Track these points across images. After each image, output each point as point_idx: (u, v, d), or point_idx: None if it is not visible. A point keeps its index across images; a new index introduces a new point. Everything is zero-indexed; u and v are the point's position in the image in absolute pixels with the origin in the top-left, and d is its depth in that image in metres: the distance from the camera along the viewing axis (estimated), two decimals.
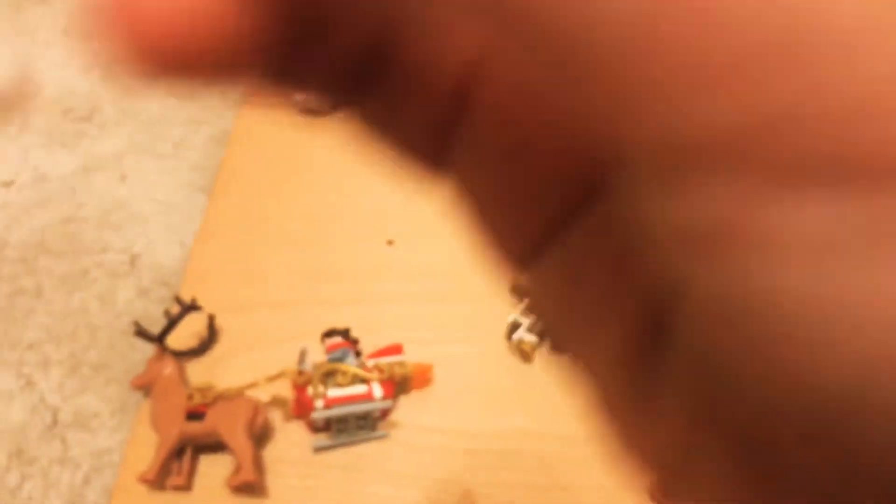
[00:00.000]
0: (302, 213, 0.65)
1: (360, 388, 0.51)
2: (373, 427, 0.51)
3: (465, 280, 0.59)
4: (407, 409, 0.53)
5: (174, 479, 0.49)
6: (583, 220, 0.13)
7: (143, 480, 0.48)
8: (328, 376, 0.51)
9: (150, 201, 0.67)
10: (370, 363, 0.52)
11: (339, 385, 0.51)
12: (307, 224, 0.64)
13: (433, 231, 0.63)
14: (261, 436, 0.51)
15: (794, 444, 0.10)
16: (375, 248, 0.62)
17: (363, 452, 0.51)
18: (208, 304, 0.56)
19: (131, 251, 0.63)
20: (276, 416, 0.52)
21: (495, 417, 0.53)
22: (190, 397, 0.50)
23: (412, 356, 0.55)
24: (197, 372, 0.55)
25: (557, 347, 0.14)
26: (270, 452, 0.51)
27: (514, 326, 0.55)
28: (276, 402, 0.53)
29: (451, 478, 0.50)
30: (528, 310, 0.55)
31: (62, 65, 0.77)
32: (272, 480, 0.50)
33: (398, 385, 0.52)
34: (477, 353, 0.56)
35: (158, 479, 0.48)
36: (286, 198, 0.66)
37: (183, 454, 0.50)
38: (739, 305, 0.10)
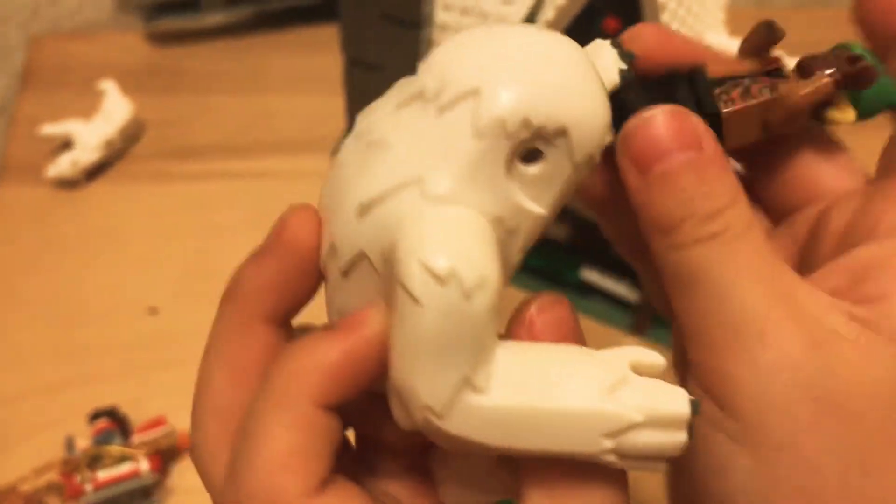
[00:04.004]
0: (56, 290, 0.66)
1: (127, 467, 0.54)
2: (147, 499, 0.55)
3: None
4: (180, 475, 0.57)
5: None
6: None
7: None
8: (95, 460, 0.54)
9: None
10: (137, 439, 0.56)
11: (107, 467, 0.54)
12: (63, 301, 0.66)
13: (195, 294, 0.66)
14: None
15: None
16: (138, 317, 0.65)
17: None
18: None
19: None
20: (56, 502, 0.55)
21: None
22: None
23: (182, 422, 0.58)
24: None
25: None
26: None
27: None
28: (52, 488, 0.55)
29: None
30: None
31: None
32: None
33: (167, 455, 0.56)
34: None
35: None
36: (39, 275, 0.67)
37: None
38: None
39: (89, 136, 0.72)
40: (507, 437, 0.19)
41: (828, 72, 0.22)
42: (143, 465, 0.54)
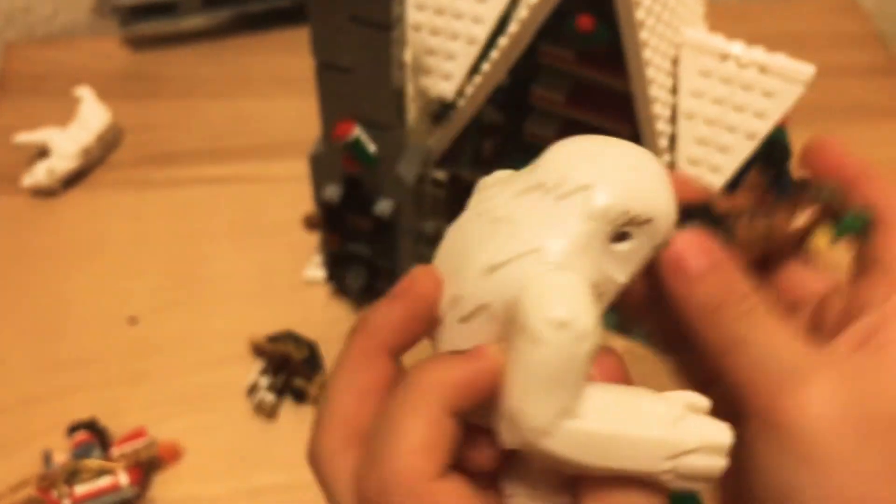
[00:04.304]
0: (34, 302, 0.65)
1: (105, 480, 0.53)
2: None
3: (205, 349, 0.63)
4: (162, 486, 0.57)
5: None
6: None
7: None
8: (73, 475, 0.53)
9: None
10: (116, 452, 0.55)
11: (85, 481, 0.53)
12: (41, 312, 0.65)
13: (175, 303, 0.66)
14: None
15: None
16: (117, 327, 0.64)
17: None
18: None
19: None
20: None
21: (246, 477, 0.57)
22: None
23: (163, 432, 0.58)
24: None
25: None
26: None
27: (254, 387, 0.59)
28: (30, 503, 0.54)
29: None
30: (266, 370, 0.60)
31: None
32: None
33: (147, 467, 0.56)
34: (223, 420, 0.59)
35: None
36: (16, 287, 0.66)
37: None
38: None
39: (66, 143, 0.71)
40: (592, 455, 0.24)
41: (808, 210, 0.29)
42: (123, 478, 0.54)
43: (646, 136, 0.48)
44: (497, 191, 0.27)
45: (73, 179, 0.72)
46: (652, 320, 0.32)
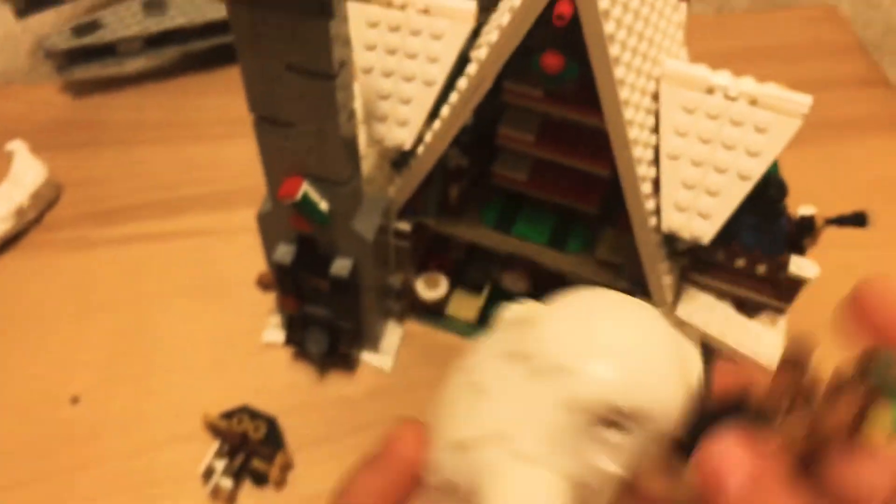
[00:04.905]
0: None
1: None
2: None
3: (155, 427, 0.57)
4: None
5: None
6: None
7: None
8: None
9: None
10: None
11: None
12: None
13: (121, 378, 0.60)
14: None
15: None
16: (57, 409, 0.58)
17: None
18: None
19: None
20: None
21: None
22: None
23: None
24: None
25: None
26: None
27: (209, 471, 0.53)
28: None
29: None
30: (221, 451, 0.54)
31: None
32: None
33: None
34: None
35: None
36: None
37: None
38: None
39: None
40: None
41: (858, 393, 0.22)
42: None
43: (627, 181, 0.43)
44: (493, 339, 0.24)
45: (7, 243, 0.66)
46: None
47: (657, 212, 0.45)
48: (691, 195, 0.43)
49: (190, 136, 0.75)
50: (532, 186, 0.53)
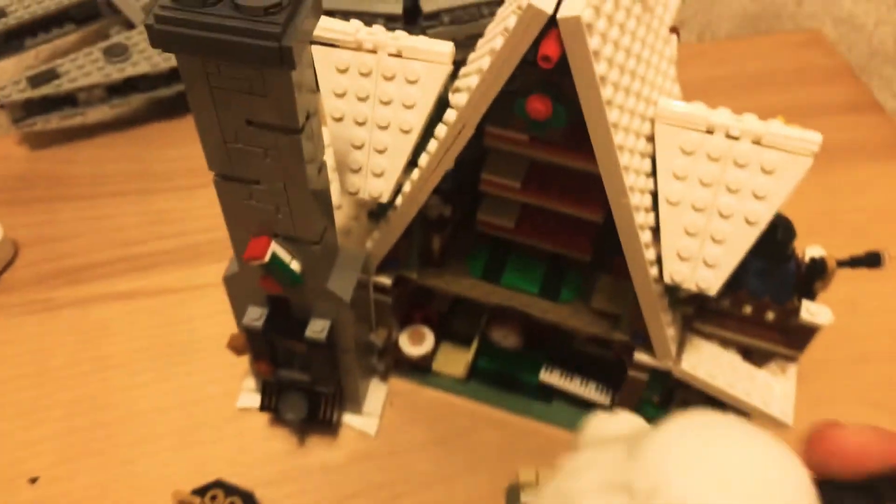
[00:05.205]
0: None
1: None
2: None
3: None
4: None
5: None
6: None
7: None
8: None
9: None
10: None
11: None
12: None
13: (83, 453, 0.55)
14: None
15: None
16: (13, 491, 0.53)
17: None
18: None
19: None
20: None
21: None
22: None
23: None
24: None
25: None
26: None
27: None
28: None
29: None
30: None
31: None
32: None
33: None
34: None
35: None
36: None
37: None
38: None
39: None
40: None
41: None
42: None
43: (624, 231, 0.40)
44: (588, 460, 0.22)
45: None
46: None
47: (658, 261, 0.41)
48: (694, 243, 0.40)
49: (156, 187, 0.71)
50: (520, 233, 0.50)
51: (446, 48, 0.41)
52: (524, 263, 0.51)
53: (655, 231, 0.41)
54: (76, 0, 0.75)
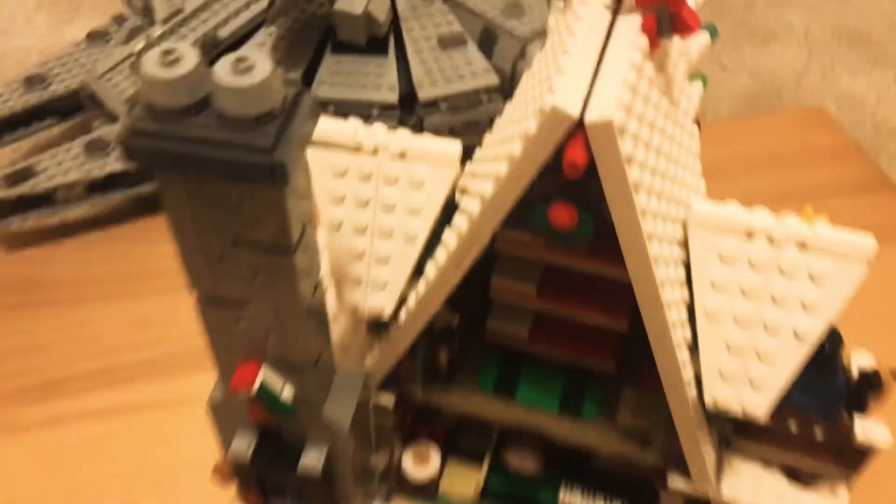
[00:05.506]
0: None
1: None
2: None
3: None
4: None
5: None
6: None
7: None
8: None
9: None
10: None
11: None
12: None
13: None
14: None
15: None
16: None
17: None
18: None
19: None
20: None
21: None
22: None
23: None
24: None
25: None
26: None
27: None
28: None
29: None
30: None
31: None
32: None
33: None
34: None
35: None
36: None
37: None
38: None
39: None
40: None
41: None
42: None
43: (660, 350, 0.35)
44: None
45: None
46: None
47: (697, 380, 0.37)
48: (738, 362, 0.35)
49: (139, 289, 0.67)
50: (535, 343, 0.45)
51: (454, 149, 0.38)
52: (540, 375, 0.47)
53: (693, 347, 0.36)
54: (58, 94, 0.72)
